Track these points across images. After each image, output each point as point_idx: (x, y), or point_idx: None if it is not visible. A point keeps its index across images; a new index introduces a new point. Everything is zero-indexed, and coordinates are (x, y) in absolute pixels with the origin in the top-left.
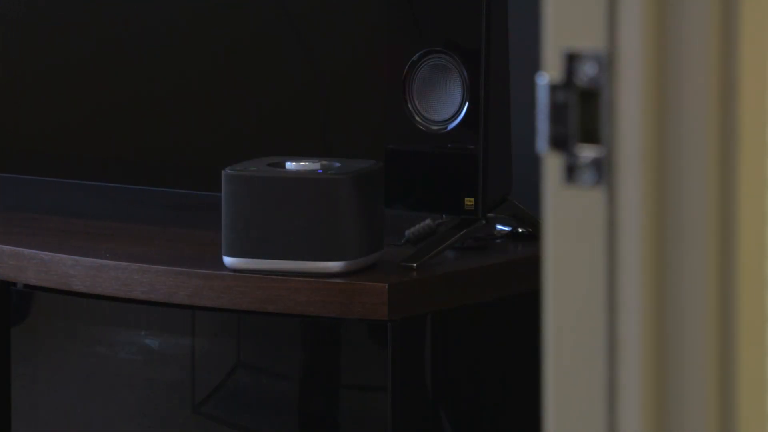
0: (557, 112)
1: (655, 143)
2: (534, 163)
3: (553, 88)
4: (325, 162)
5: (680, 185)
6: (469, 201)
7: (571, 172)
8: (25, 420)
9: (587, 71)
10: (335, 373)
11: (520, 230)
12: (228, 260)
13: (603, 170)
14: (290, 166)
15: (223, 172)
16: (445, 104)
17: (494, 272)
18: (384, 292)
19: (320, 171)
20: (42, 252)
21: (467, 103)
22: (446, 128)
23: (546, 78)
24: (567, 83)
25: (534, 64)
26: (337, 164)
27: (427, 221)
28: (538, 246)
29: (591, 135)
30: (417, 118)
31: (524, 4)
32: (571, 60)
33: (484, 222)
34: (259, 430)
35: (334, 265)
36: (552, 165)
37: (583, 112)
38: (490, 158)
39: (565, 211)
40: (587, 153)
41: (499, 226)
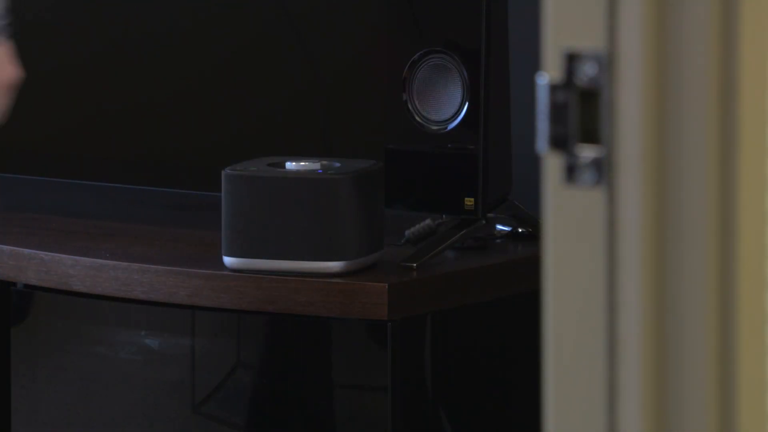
0: (557, 112)
1: (655, 143)
2: (534, 163)
3: (553, 88)
4: (325, 162)
5: (680, 185)
6: (469, 201)
7: (571, 172)
8: (25, 420)
9: (587, 71)
10: (335, 373)
11: (520, 230)
12: (228, 260)
13: (603, 170)
14: (290, 166)
15: (223, 172)
16: (445, 104)
17: (494, 272)
18: (384, 292)
19: (320, 171)
20: (42, 252)
21: (467, 103)
22: (446, 128)
23: (546, 78)
24: (567, 83)
25: (534, 64)
26: (337, 164)
27: (427, 221)
28: (538, 246)
29: (591, 135)
30: (417, 118)
31: (524, 4)
32: (571, 60)
33: (484, 222)
34: (259, 430)
35: (334, 265)
36: (552, 165)
37: (583, 112)
38: (490, 158)
39: (565, 211)
40: (587, 153)
41: (499, 226)
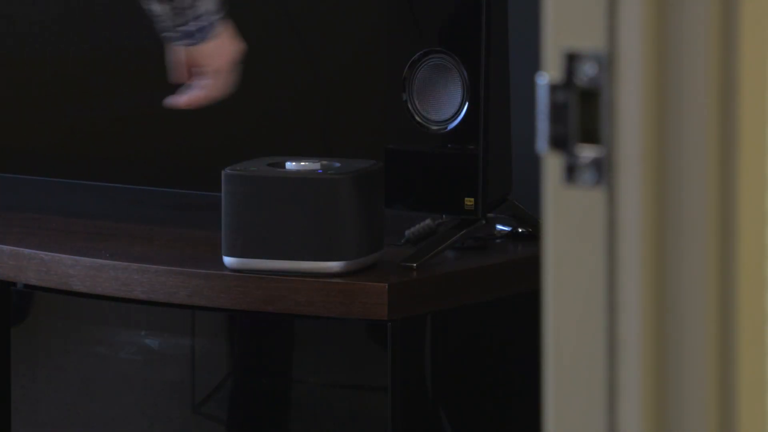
0: (557, 112)
1: (655, 143)
2: (534, 163)
3: (553, 88)
4: (325, 162)
5: (680, 185)
6: (469, 201)
7: (571, 172)
8: (25, 420)
9: (587, 71)
10: (335, 373)
11: (520, 230)
12: (228, 260)
13: (603, 170)
14: (290, 166)
15: (223, 172)
16: (445, 104)
17: (494, 272)
18: (384, 292)
19: (320, 171)
20: (42, 252)
21: (467, 103)
22: (446, 128)
23: (546, 78)
24: (567, 83)
25: (534, 64)
26: (337, 164)
27: (427, 221)
28: (538, 246)
29: (591, 135)
30: (417, 118)
31: (524, 4)
32: (571, 60)
33: (484, 222)
34: (258, 430)
35: (334, 265)
36: (552, 165)
37: (583, 112)
38: (490, 158)
39: (565, 211)
40: (587, 153)
41: (499, 226)
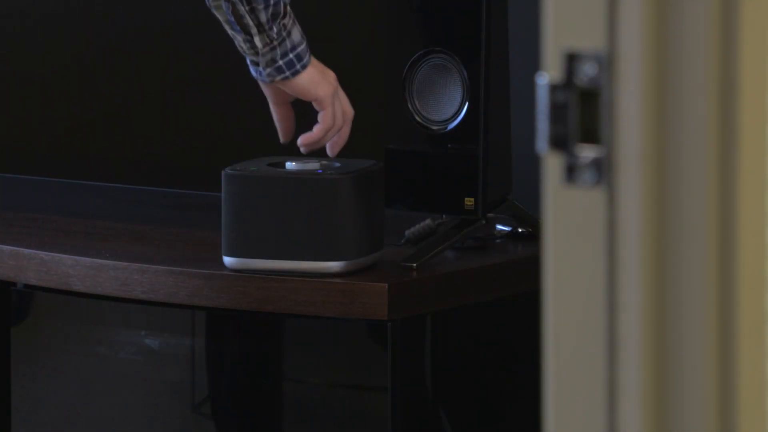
0: (557, 112)
1: (655, 143)
2: (534, 163)
3: (553, 88)
4: (325, 162)
5: (680, 185)
6: (469, 201)
7: (571, 172)
8: (25, 420)
9: (587, 71)
10: (335, 373)
11: (520, 230)
12: (228, 260)
13: (603, 170)
14: (290, 166)
15: (223, 172)
16: (445, 104)
17: (494, 272)
18: (384, 292)
19: (320, 171)
20: (42, 252)
21: (467, 103)
22: (446, 128)
23: (546, 78)
24: (567, 83)
25: (534, 64)
26: (337, 164)
27: (427, 221)
28: (538, 246)
29: (591, 135)
30: (417, 118)
31: (524, 4)
32: (571, 60)
33: (484, 222)
34: (259, 430)
35: (334, 265)
36: (552, 165)
37: (583, 112)
38: (490, 158)
39: (565, 211)
40: (587, 153)
41: (499, 226)
